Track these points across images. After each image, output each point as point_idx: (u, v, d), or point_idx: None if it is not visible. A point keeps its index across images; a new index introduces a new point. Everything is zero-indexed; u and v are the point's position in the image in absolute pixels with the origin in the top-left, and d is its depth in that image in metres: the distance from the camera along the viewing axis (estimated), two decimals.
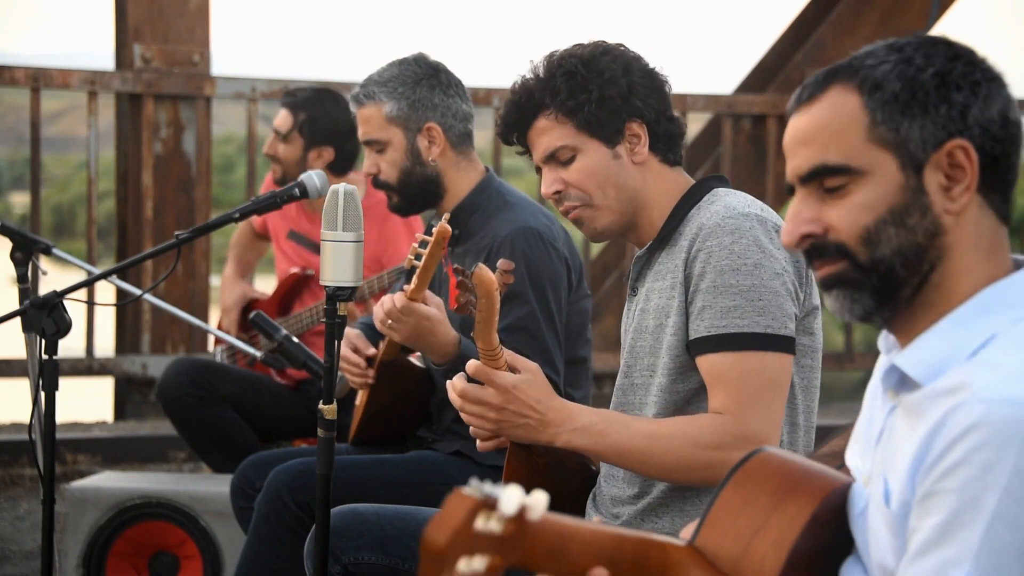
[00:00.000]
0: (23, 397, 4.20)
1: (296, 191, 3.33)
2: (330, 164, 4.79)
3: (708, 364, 2.59)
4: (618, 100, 2.72)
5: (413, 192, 3.67)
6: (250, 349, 4.01)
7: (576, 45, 2.78)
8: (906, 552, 1.67)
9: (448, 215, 3.28)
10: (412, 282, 3.24)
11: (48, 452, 3.20)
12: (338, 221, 2.86)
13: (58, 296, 3.19)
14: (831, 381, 9.67)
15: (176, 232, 3.31)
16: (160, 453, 6.13)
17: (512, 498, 1.46)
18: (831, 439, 2.12)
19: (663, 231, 2.72)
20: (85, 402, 7.95)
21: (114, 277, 3.65)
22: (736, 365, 2.56)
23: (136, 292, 3.54)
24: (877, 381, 1.85)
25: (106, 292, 7.59)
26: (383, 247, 4.67)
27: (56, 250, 3.59)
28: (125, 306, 6.56)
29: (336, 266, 2.86)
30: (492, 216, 3.55)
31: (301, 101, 4.87)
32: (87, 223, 6.66)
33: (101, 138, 6.57)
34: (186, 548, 4.29)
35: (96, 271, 3.60)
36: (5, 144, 44.32)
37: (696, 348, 2.60)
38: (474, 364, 2.60)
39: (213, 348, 5.27)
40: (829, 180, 1.77)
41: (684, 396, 2.65)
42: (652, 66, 2.78)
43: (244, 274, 5.34)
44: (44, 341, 3.18)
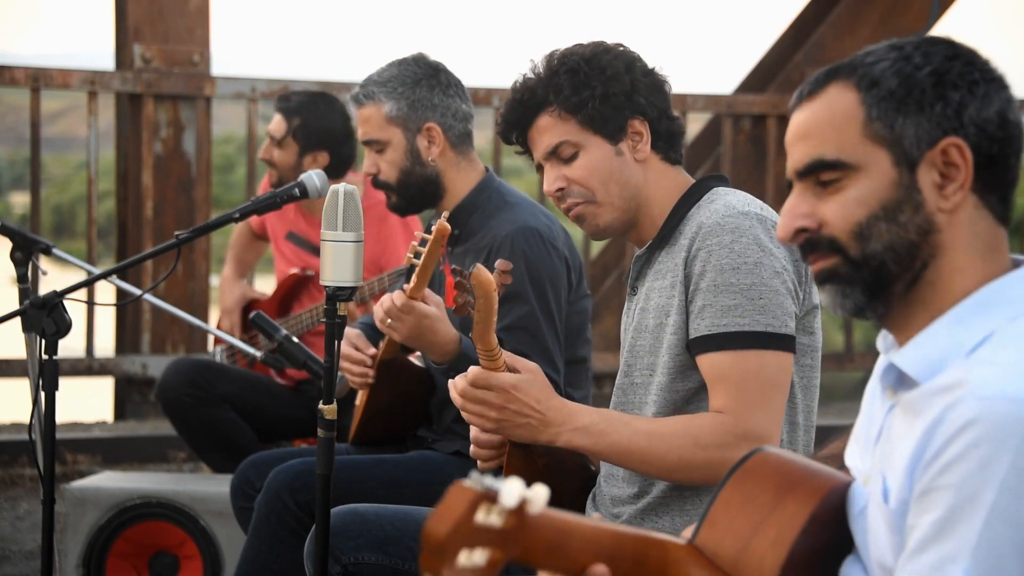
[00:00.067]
0: (23, 397, 4.20)
1: (296, 191, 3.33)
2: (325, 168, 4.76)
3: (708, 363, 2.59)
4: (621, 97, 2.72)
5: (413, 192, 3.66)
6: (250, 349, 4.01)
7: (576, 45, 2.77)
8: (904, 549, 1.67)
9: (447, 213, 3.28)
10: (412, 280, 3.24)
11: (48, 452, 3.19)
12: (338, 221, 2.86)
13: (58, 296, 3.19)
14: (831, 381, 9.66)
15: (176, 232, 3.31)
16: (160, 453, 6.13)
17: (513, 491, 1.46)
18: (831, 441, 2.12)
19: (663, 230, 2.72)
20: (85, 402, 7.95)
21: (114, 277, 3.65)
22: (736, 364, 2.56)
23: (136, 292, 3.54)
24: (876, 380, 1.85)
25: (106, 292, 7.59)
26: (381, 249, 4.66)
27: (56, 250, 3.59)
28: (125, 306, 6.56)
29: (336, 266, 2.86)
30: (492, 216, 3.55)
31: (294, 106, 4.85)
32: (87, 223, 6.66)
33: (101, 138, 6.57)
34: (186, 548, 4.29)
35: (96, 271, 3.60)
36: (5, 144, 44.29)
37: (696, 347, 2.60)
38: (474, 372, 2.60)
39: (213, 348, 5.27)
40: (824, 175, 1.78)
41: (684, 395, 2.65)
42: (652, 66, 2.79)
43: (243, 274, 5.34)
44: (44, 341, 3.18)
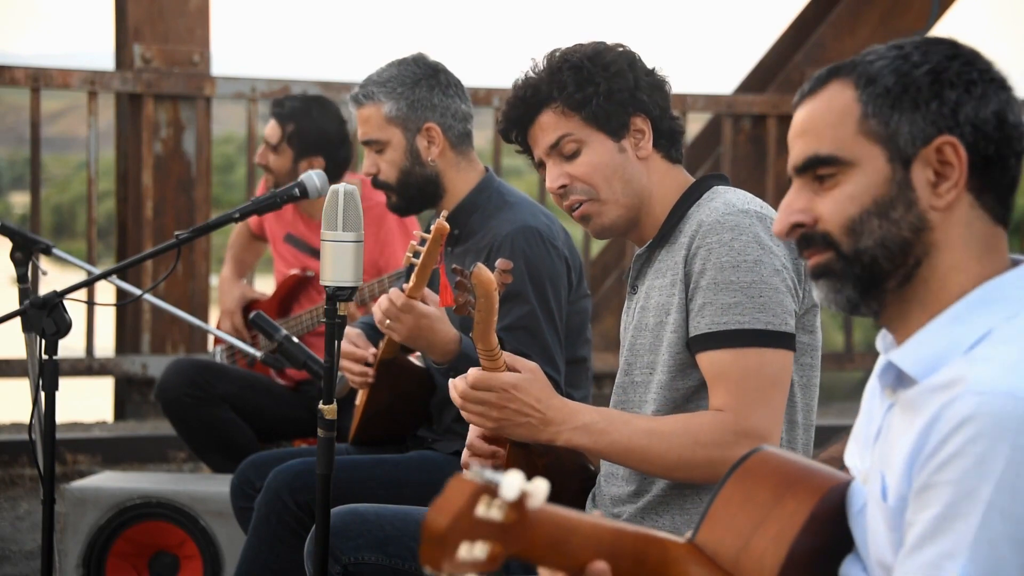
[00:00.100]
0: (23, 397, 4.20)
1: (296, 191, 3.33)
2: None
3: (708, 361, 2.59)
4: (625, 93, 2.72)
5: (412, 192, 3.66)
6: (250, 349, 4.00)
7: (576, 44, 2.78)
8: (903, 546, 1.67)
9: (446, 212, 3.28)
10: (411, 280, 3.24)
11: (48, 452, 3.19)
12: (338, 221, 2.86)
13: (58, 296, 3.19)
14: (831, 381, 9.66)
15: (176, 232, 3.31)
16: (160, 453, 6.13)
17: (513, 483, 1.46)
18: (832, 443, 2.12)
19: (663, 228, 2.72)
20: (85, 402, 7.94)
21: (114, 277, 3.65)
22: (736, 362, 2.56)
23: (136, 292, 3.54)
24: (875, 379, 1.85)
25: (106, 292, 7.58)
26: (379, 251, 4.66)
27: (56, 250, 3.59)
28: (125, 306, 6.55)
29: (336, 266, 2.86)
30: (492, 216, 3.55)
31: (288, 112, 4.83)
32: (87, 223, 6.66)
33: (101, 138, 6.57)
34: (186, 548, 4.28)
35: (96, 271, 3.60)
36: (5, 144, 44.28)
37: (696, 345, 2.60)
38: (473, 374, 2.60)
39: (213, 348, 5.27)
40: (821, 170, 1.79)
41: (684, 393, 2.65)
42: (652, 65, 2.79)
43: (242, 275, 5.34)
44: (44, 341, 3.18)
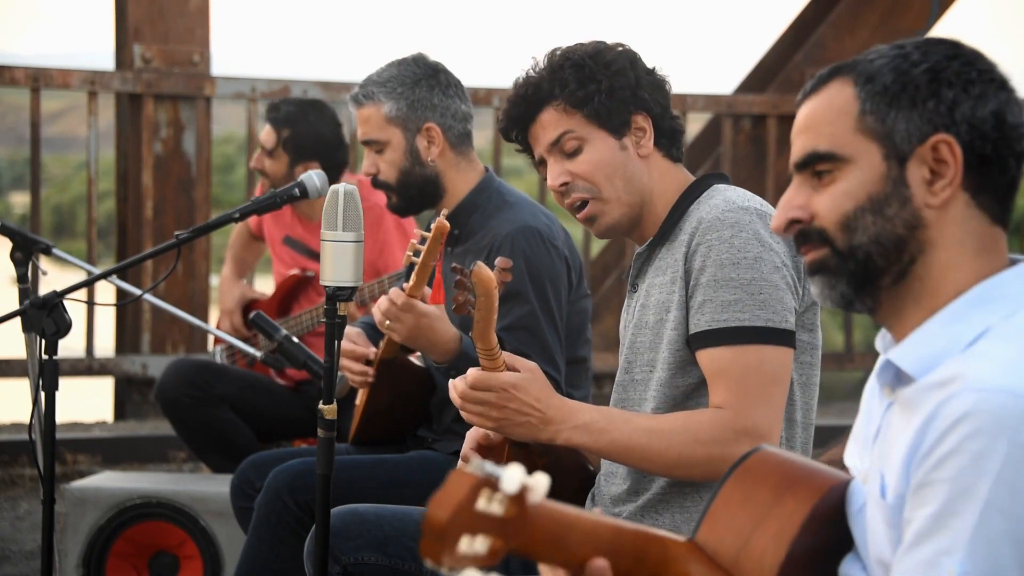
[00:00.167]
0: (23, 397, 4.20)
1: (296, 191, 3.33)
2: None
3: (708, 358, 2.58)
4: (627, 91, 2.72)
5: (412, 192, 3.66)
6: (250, 349, 4.00)
7: (577, 43, 2.78)
8: (901, 543, 1.67)
9: (447, 211, 3.28)
10: (411, 279, 3.24)
11: (48, 452, 3.19)
12: (338, 221, 2.86)
13: (58, 296, 3.19)
14: (831, 381, 9.66)
15: (176, 232, 3.31)
16: (160, 453, 6.13)
17: (514, 477, 1.46)
18: (833, 445, 2.12)
19: (664, 226, 2.71)
20: (85, 402, 7.94)
21: (114, 277, 3.65)
22: (736, 359, 2.55)
23: (136, 292, 3.54)
24: (874, 379, 1.86)
25: (106, 292, 7.58)
26: (378, 252, 4.65)
27: (56, 250, 3.59)
28: (125, 306, 6.56)
29: (336, 266, 2.86)
30: (492, 216, 3.55)
31: (284, 116, 4.83)
32: (87, 223, 6.66)
33: (101, 138, 6.57)
34: (186, 548, 4.28)
35: (96, 271, 3.60)
36: (5, 144, 44.29)
37: (696, 342, 2.60)
38: (473, 374, 2.60)
39: (212, 348, 5.27)
40: (819, 166, 1.80)
41: (684, 391, 2.64)
42: (652, 65, 2.79)
43: (242, 274, 5.34)
44: (44, 341, 3.18)
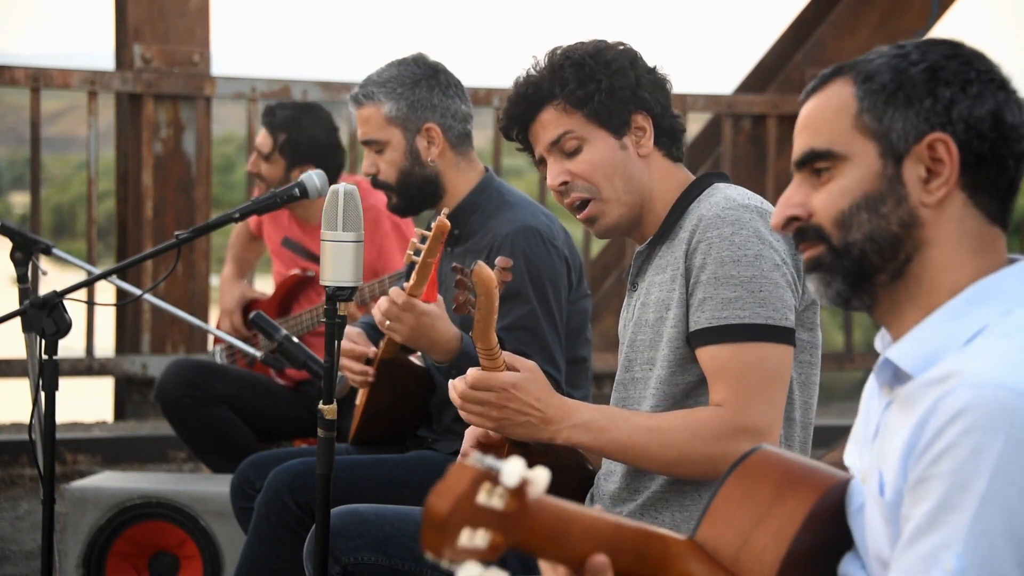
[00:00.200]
0: (23, 397, 4.20)
1: (296, 191, 3.33)
2: None
3: (708, 356, 2.58)
4: (627, 91, 2.72)
5: (412, 192, 3.66)
6: (250, 349, 4.00)
7: (577, 42, 2.77)
8: (899, 540, 1.67)
9: (447, 210, 3.28)
10: (411, 278, 3.24)
11: (48, 452, 3.19)
12: (338, 221, 2.86)
13: (58, 296, 3.19)
14: (831, 381, 9.66)
15: (176, 232, 3.30)
16: (160, 453, 6.13)
17: (514, 470, 1.46)
18: (834, 446, 2.12)
19: (664, 225, 2.71)
20: (85, 402, 7.94)
21: (114, 277, 3.65)
22: (736, 357, 2.55)
23: (136, 292, 3.54)
24: (873, 378, 1.86)
25: (106, 292, 7.58)
26: (376, 254, 4.65)
27: (56, 250, 3.59)
28: (125, 306, 6.56)
29: (336, 266, 2.86)
30: (492, 216, 3.55)
31: (280, 121, 4.83)
32: (87, 223, 6.66)
33: (101, 138, 6.57)
34: (186, 548, 4.28)
35: (96, 271, 3.60)
36: (5, 144, 44.29)
37: (697, 340, 2.60)
38: (473, 374, 2.60)
39: (212, 348, 5.27)
40: (817, 164, 1.81)
41: (683, 389, 2.64)
42: (653, 64, 2.79)
43: (243, 274, 5.34)
44: (44, 341, 3.18)
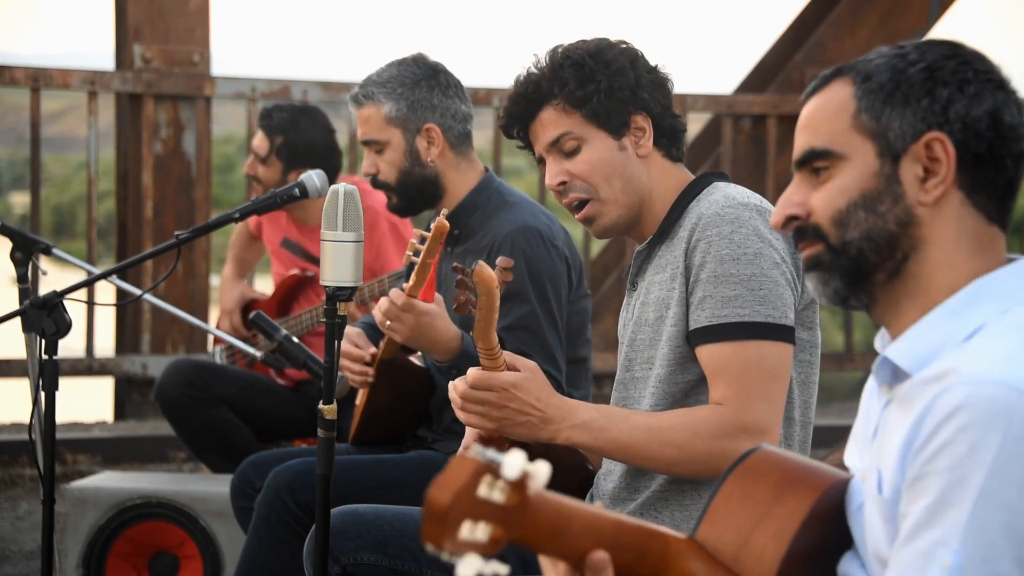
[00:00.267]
0: (23, 397, 4.20)
1: (296, 191, 3.33)
2: None
3: (708, 355, 2.58)
4: (626, 91, 2.71)
5: (412, 192, 3.66)
6: (250, 349, 4.00)
7: (579, 41, 2.77)
8: (897, 537, 1.67)
9: (446, 210, 3.28)
10: (411, 279, 3.24)
11: (48, 452, 3.19)
12: (338, 221, 2.86)
13: (58, 296, 3.19)
14: (831, 381, 9.66)
15: (176, 232, 3.31)
16: (160, 453, 6.13)
17: (515, 463, 1.46)
18: (836, 448, 2.12)
19: (664, 224, 2.71)
20: (85, 402, 7.94)
21: (114, 277, 3.65)
22: (736, 355, 2.55)
23: (136, 292, 3.54)
24: (872, 378, 1.86)
25: (106, 292, 7.58)
26: (374, 255, 4.65)
27: (56, 250, 3.59)
28: (125, 306, 6.56)
29: (336, 266, 2.86)
30: (492, 216, 3.55)
31: (277, 124, 4.83)
32: (87, 223, 6.66)
33: (101, 138, 6.57)
34: (186, 548, 4.28)
35: (96, 271, 3.60)
36: (5, 144, 44.31)
37: (696, 338, 2.60)
38: (473, 374, 2.60)
39: (212, 348, 5.27)
40: (816, 163, 1.82)
41: (683, 388, 2.64)
42: (654, 63, 2.79)
43: (243, 274, 5.34)
44: (44, 341, 3.18)
